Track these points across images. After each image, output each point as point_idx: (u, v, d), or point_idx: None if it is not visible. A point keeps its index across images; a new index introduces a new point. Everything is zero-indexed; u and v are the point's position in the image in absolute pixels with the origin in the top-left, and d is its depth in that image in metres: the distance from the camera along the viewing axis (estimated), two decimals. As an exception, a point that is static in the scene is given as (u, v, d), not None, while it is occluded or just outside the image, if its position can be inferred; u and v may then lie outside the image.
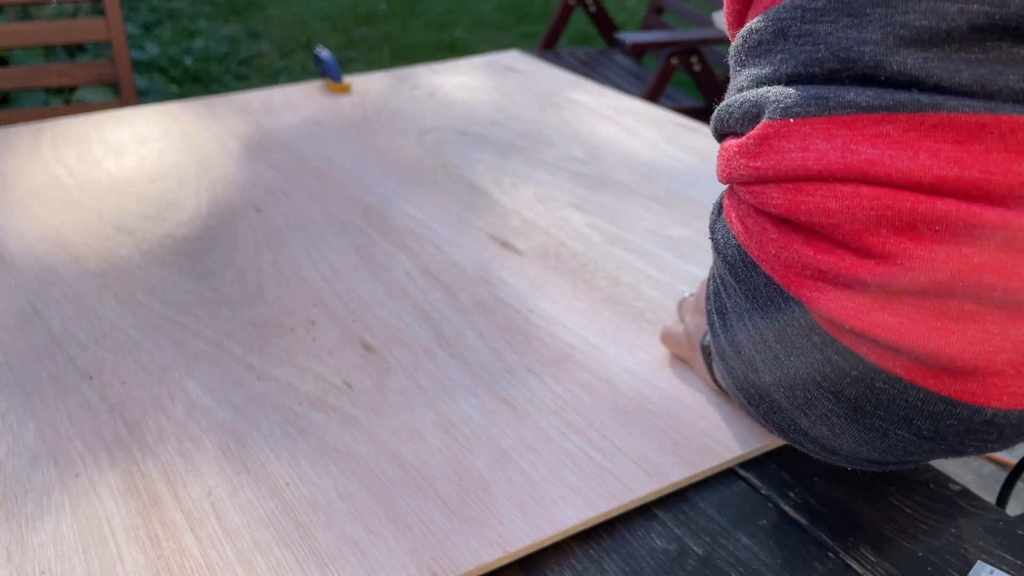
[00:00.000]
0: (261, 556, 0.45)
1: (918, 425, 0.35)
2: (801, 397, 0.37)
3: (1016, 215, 0.29)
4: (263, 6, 4.16)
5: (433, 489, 0.49)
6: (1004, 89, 0.29)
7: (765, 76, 0.35)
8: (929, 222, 0.30)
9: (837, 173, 0.31)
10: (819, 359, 0.35)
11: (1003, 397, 0.33)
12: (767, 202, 0.34)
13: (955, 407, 0.33)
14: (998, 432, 0.34)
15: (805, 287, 0.34)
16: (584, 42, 3.58)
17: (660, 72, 2.05)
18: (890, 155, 0.30)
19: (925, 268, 0.30)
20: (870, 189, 0.31)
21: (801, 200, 0.32)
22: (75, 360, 0.59)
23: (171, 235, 0.76)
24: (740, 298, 0.38)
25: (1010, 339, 0.31)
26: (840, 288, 0.33)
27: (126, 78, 1.44)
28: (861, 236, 0.31)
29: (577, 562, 0.46)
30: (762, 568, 0.45)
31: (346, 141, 0.96)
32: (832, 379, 0.35)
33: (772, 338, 0.37)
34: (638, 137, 0.97)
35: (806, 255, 0.33)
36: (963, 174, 0.29)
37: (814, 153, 0.32)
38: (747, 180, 0.35)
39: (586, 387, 0.57)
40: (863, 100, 0.31)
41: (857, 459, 0.40)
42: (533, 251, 0.74)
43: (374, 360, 0.60)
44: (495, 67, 1.20)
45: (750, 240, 0.36)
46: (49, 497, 0.48)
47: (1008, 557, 0.46)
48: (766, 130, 0.33)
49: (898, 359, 0.33)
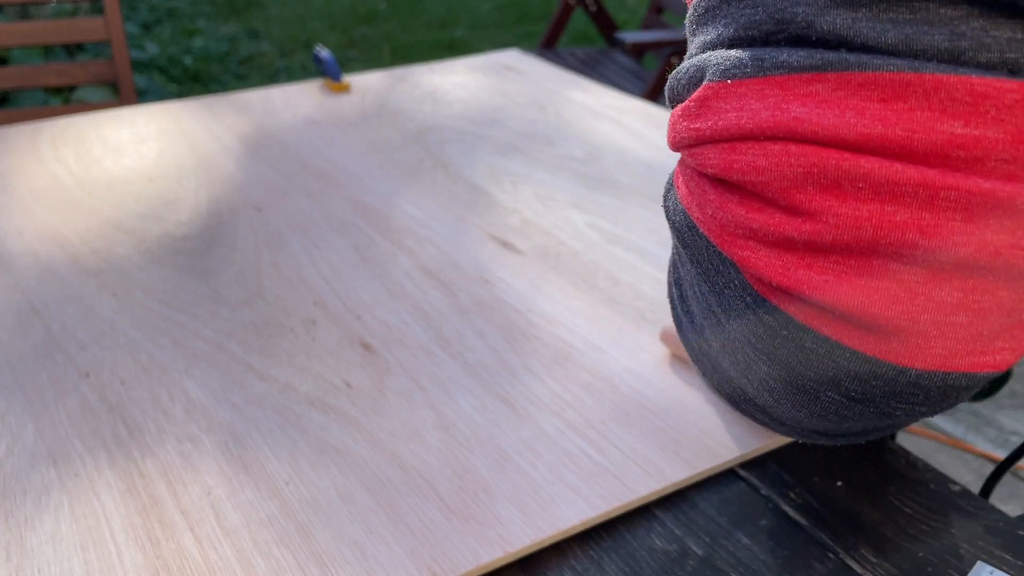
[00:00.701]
0: (261, 556, 0.44)
1: (846, 386, 0.35)
2: (742, 362, 0.38)
3: (938, 174, 0.29)
4: (263, 5, 4.15)
5: (433, 489, 0.49)
6: (929, 48, 0.29)
7: (710, 41, 0.35)
8: (853, 179, 0.30)
9: (768, 131, 0.32)
10: (752, 320, 0.36)
11: (926, 358, 0.33)
12: (705, 163, 0.35)
13: (880, 367, 0.34)
14: (923, 394, 0.35)
15: (737, 246, 0.35)
16: (584, 41, 3.58)
17: (660, 72, 2.05)
18: (818, 113, 0.30)
19: (849, 225, 0.31)
20: (798, 147, 0.31)
21: (735, 159, 0.33)
22: (74, 360, 0.59)
23: (171, 235, 0.76)
24: (689, 266, 0.39)
25: (933, 299, 0.31)
26: (769, 246, 0.33)
27: (125, 77, 1.44)
28: (789, 193, 0.32)
29: (577, 562, 0.46)
30: (762, 568, 0.45)
31: (346, 140, 0.96)
32: (765, 340, 0.36)
33: (714, 302, 0.37)
34: (638, 137, 0.97)
35: (739, 214, 0.34)
36: (887, 132, 0.29)
37: (748, 112, 0.32)
38: (689, 143, 0.36)
39: (586, 387, 0.57)
40: (794, 60, 0.31)
41: (803, 429, 0.41)
42: (533, 251, 0.74)
43: (374, 360, 0.60)
44: (495, 66, 1.20)
45: (692, 203, 0.37)
46: (48, 497, 0.48)
47: (1008, 557, 0.46)
48: (705, 92, 0.34)
49: (824, 318, 0.33)
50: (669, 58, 2.05)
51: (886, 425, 0.39)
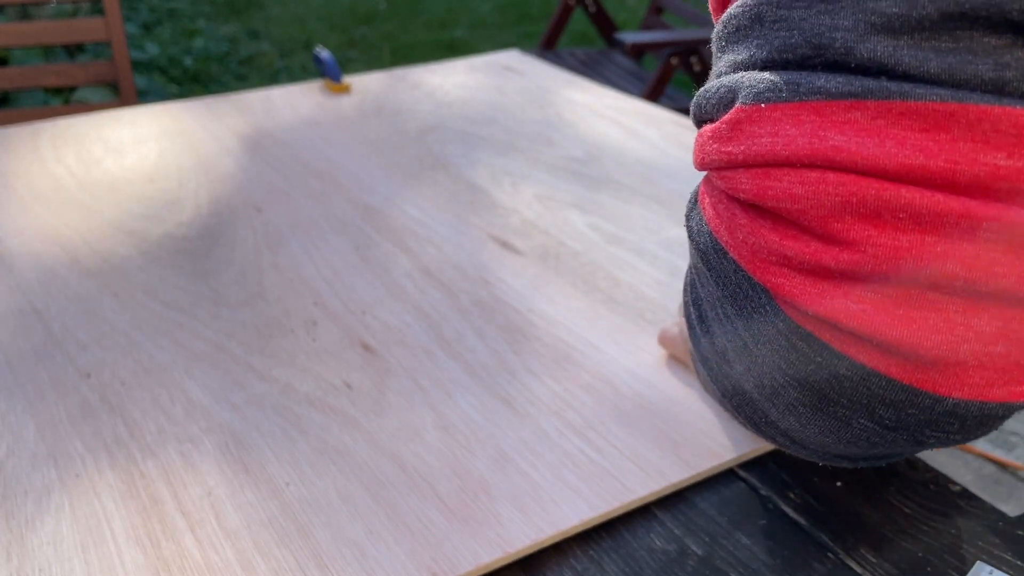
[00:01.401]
0: (261, 557, 0.45)
1: (880, 414, 0.35)
2: (769, 387, 0.37)
3: (980, 205, 0.29)
4: (263, 6, 4.15)
5: (433, 489, 0.49)
6: (973, 79, 0.29)
7: (741, 62, 0.35)
8: (893, 210, 0.30)
9: (804, 159, 0.31)
10: (784, 346, 0.35)
11: (964, 388, 0.33)
12: (737, 187, 0.34)
13: (917, 396, 0.33)
14: (959, 423, 0.34)
15: (771, 273, 0.34)
16: (584, 42, 3.58)
17: (660, 72, 2.05)
18: (857, 142, 0.30)
19: (888, 256, 0.30)
20: (836, 175, 0.31)
21: (769, 185, 0.32)
22: (75, 360, 0.59)
23: (171, 235, 0.76)
24: (712, 287, 0.38)
25: (972, 329, 0.31)
26: (804, 274, 0.33)
27: (126, 78, 1.44)
28: (826, 222, 0.31)
29: (577, 562, 0.46)
30: (762, 568, 0.45)
31: (346, 141, 0.96)
32: (797, 367, 0.35)
33: (741, 326, 0.37)
34: (638, 137, 0.97)
35: (772, 241, 0.33)
36: (928, 163, 0.29)
37: (783, 138, 0.32)
38: (719, 165, 0.35)
39: (586, 387, 0.57)
40: (833, 86, 0.31)
41: (827, 454, 0.40)
42: (533, 251, 0.74)
43: (374, 360, 0.60)
44: (495, 67, 1.20)
45: (721, 226, 0.36)
46: (49, 497, 0.48)
47: (1008, 557, 0.46)
48: (738, 115, 0.34)
49: (861, 346, 0.33)
50: (669, 59, 2.05)
51: (914, 450, 0.39)
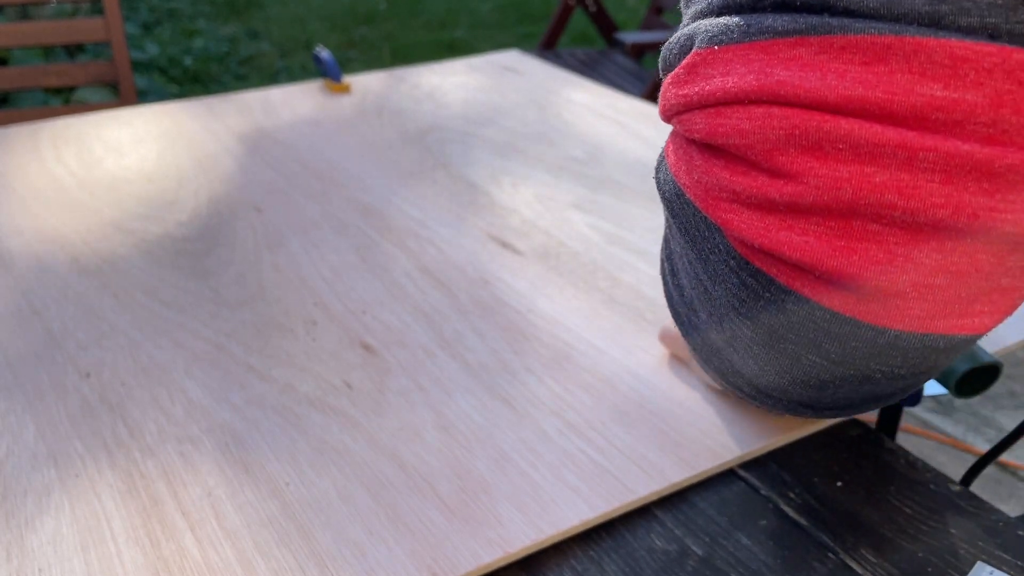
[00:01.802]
0: (261, 557, 0.45)
1: (826, 348, 0.35)
2: (728, 330, 0.39)
3: (917, 135, 0.29)
4: (263, 6, 4.15)
5: (433, 490, 0.49)
6: (910, 12, 0.29)
7: (700, 11, 0.36)
8: (834, 141, 0.31)
9: (752, 95, 0.32)
10: (736, 284, 0.36)
11: (905, 320, 0.33)
12: (692, 128, 0.35)
13: (859, 328, 0.34)
14: (902, 356, 0.35)
15: (721, 209, 0.35)
16: (584, 42, 3.58)
17: (660, 72, 2.05)
18: (800, 76, 0.31)
19: (829, 187, 0.31)
20: (780, 109, 0.31)
21: (720, 123, 0.33)
22: (75, 360, 0.59)
23: (171, 235, 0.76)
24: (678, 235, 0.39)
25: (912, 260, 0.32)
26: (752, 208, 0.34)
27: (125, 78, 1.44)
28: (771, 155, 0.32)
29: (577, 563, 0.46)
30: (762, 569, 0.45)
31: (346, 141, 0.96)
32: (748, 304, 0.36)
33: (701, 270, 0.38)
34: (638, 137, 0.97)
35: (723, 178, 0.34)
36: (867, 94, 0.30)
37: (733, 77, 0.33)
38: (678, 110, 0.36)
39: (586, 387, 0.57)
40: (779, 25, 0.32)
41: (789, 401, 0.41)
42: (533, 251, 0.74)
43: (374, 360, 0.60)
44: (495, 67, 1.20)
45: (680, 170, 0.37)
46: (48, 497, 0.48)
47: (1008, 557, 0.46)
48: (694, 59, 0.35)
49: (805, 279, 0.34)
50: (669, 58, 2.04)
51: (869, 394, 0.40)
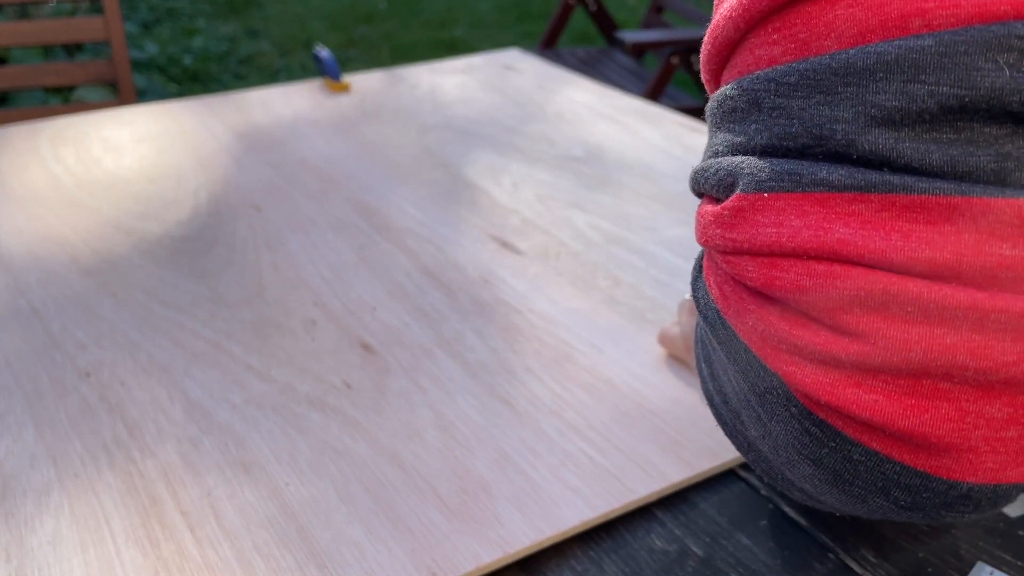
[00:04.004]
0: (260, 557, 0.44)
1: (895, 496, 0.35)
2: (784, 458, 0.38)
3: (987, 297, 0.29)
4: (262, 5, 4.15)
5: (433, 490, 0.49)
6: (975, 170, 0.29)
7: (739, 145, 0.35)
8: (901, 303, 0.30)
9: (811, 251, 0.31)
10: (797, 429, 0.35)
11: (978, 473, 0.33)
12: (743, 274, 0.34)
13: (931, 481, 0.33)
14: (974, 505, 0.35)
15: (782, 361, 0.34)
16: (584, 41, 3.58)
17: (660, 71, 2.05)
18: (862, 235, 0.30)
19: (899, 348, 0.30)
20: (843, 268, 0.31)
21: (776, 276, 0.33)
22: (74, 360, 0.59)
23: (170, 235, 0.76)
24: (723, 357, 0.38)
25: (983, 416, 0.31)
26: (816, 364, 0.33)
27: (125, 77, 1.44)
28: (834, 314, 0.31)
29: (577, 563, 0.46)
30: (762, 569, 0.45)
31: (346, 140, 0.96)
32: (811, 448, 0.35)
33: (755, 401, 0.37)
34: (638, 137, 0.97)
35: (782, 329, 0.33)
36: (935, 255, 0.29)
37: (788, 229, 0.32)
38: (723, 250, 0.35)
39: (586, 387, 0.57)
40: (835, 178, 0.31)
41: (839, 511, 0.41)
42: (533, 251, 0.74)
43: (374, 360, 0.59)
44: (495, 66, 1.20)
45: (728, 308, 0.36)
46: (48, 497, 0.48)
47: (1008, 557, 0.46)
48: (740, 203, 0.34)
49: (874, 434, 0.33)
50: (670, 58, 2.04)
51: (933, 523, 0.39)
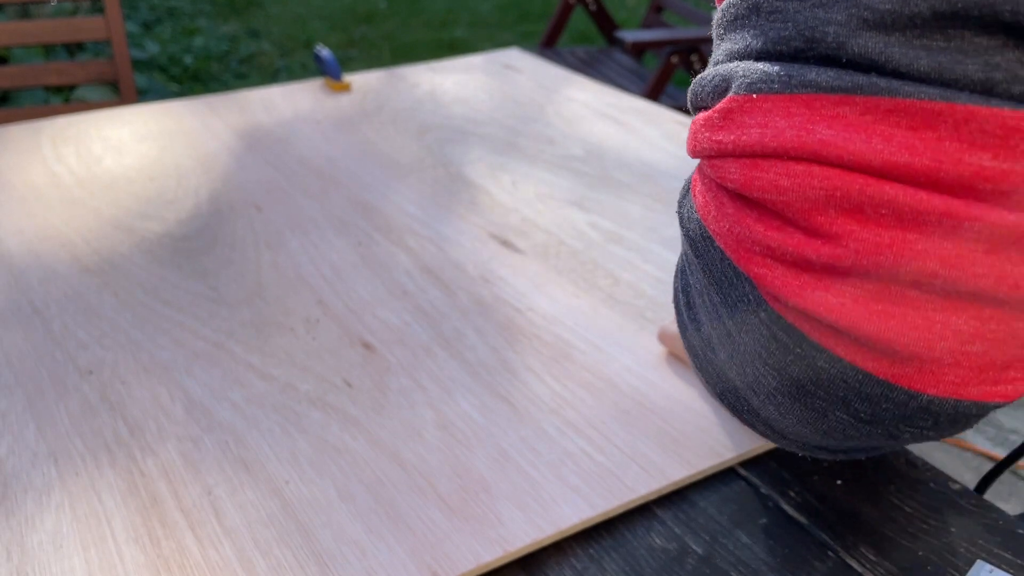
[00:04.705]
0: (261, 555, 0.45)
1: (856, 407, 0.35)
2: (750, 375, 0.38)
3: (962, 205, 0.29)
4: (263, 5, 4.15)
5: (433, 489, 0.49)
6: (962, 78, 0.29)
7: (737, 51, 0.35)
8: (876, 205, 0.30)
9: (792, 151, 0.32)
10: (765, 336, 0.36)
11: (939, 385, 0.33)
12: (725, 176, 0.35)
13: (892, 391, 0.34)
14: (933, 420, 0.35)
15: (754, 263, 0.34)
16: (584, 40, 3.58)
17: (660, 71, 2.05)
18: (844, 137, 0.30)
19: (870, 251, 0.31)
20: (822, 169, 0.31)
21: (756, 176, 0.33)
22: (75, 359, 0.59)
23: (171, 234, 0.76)
24: (700, 275, 0.39)
25: (950, 327, 0.31)
26: (786, 266, 0.33)
27: (126, 76, 1.44)
28: (809, 215, 0.32)
29: (577, 561, 0.46)
30: (762, 567, 0.45)
31: (346, 140, 0.96)
32: (777, 356, 0.36)
33: (726, 314, 0.37)
34: (638, 136, 0.97)
35: (757, 231, 0.34)
36: (914, 160, 0.29)
37: (772, 130, 0.32)
38: (709, 153, 0.36)
39: (586, 386, 0.57)
40: (823, 80, 0.31)
41: (806, 444, 0.41)
42: (533, 250, 0.74)
43: (374, 359, 0.60)
44: (495, 65, 1.20)
45: (708, 214, 0.37)
46: (49, 496, 0.48)
47: (1008, 556, 0.46)
48: (730, 104, 0.34)
49: (839, 339, 0.33)
50: (669, 57, 2.04)
51: (889, 445, 0.39)
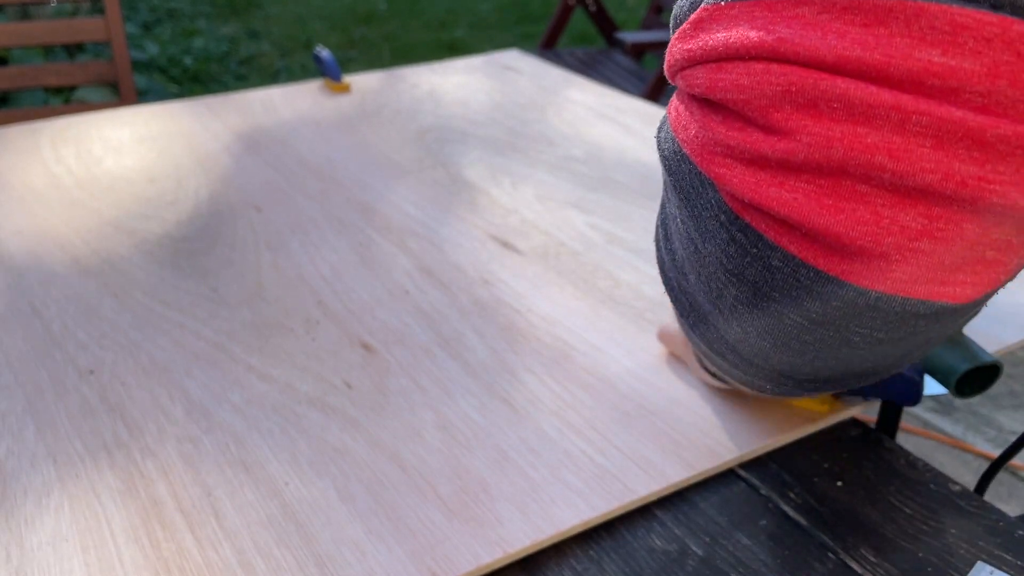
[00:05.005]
0: (261, 557, 0.45)
1: (807, 306, 0.36)
2: (714, 289, 0.39)
3: (911, 99, 0.30)
4: (263, 6, 4.15)
5: (433, 489, 0.49)
6: None
7: None
8: (829, 100, 0.31)
9: (753, 51, 0.33)
10: (725, 240, 0.37)
11: (887, 282, 0.34)
12: (693, 83, 0.36)
13: (841, 288, 0.35)
14: (882, 319, 0.36)
15: (715, 163, 0.36)
16: (584, 42, 3.58)
17: (660, 72, 2.05)
18: (801, 34, 0.31)
19: (821, 144, 0.32)
20: (779, 67, 0.32)
21: (719, 78, 0.34)
22: (75, 360, 0.59)
23: (171, 235, 0.76)
24: (672, 194, 0.40)
25: (897, 223, 0.32)
26: (745, 164, 0.34)
27: (126, 78, 1.44)
28: (767, 112, 0.33)
29: (577, 562, 0.46)
30: (762, 568, 0.45)
31: (346, 141, 0.96)
32: (736, 260, 0.37)
33: (692, 227, 0.39)
34: (638, 137, 0.97)
35: (720, 132, 0.35)
36: (865, 55, 0.30)
37: (736, 32, 0.33)
38: (681, 65, 0.37)
39: (586, 387, 0.57)
40: None
41: (771, 370, 0.42)
42: (533, 251, 0.74)
43: (374, 360, 0.60)
44: (495, 67, 1.20)
45: (678, 124, 0.38)
46: (48, 497, 0.48)
47: (1008, 557, 0.46)
48: (700, 14, 0.35)
49: (792, 236, 0.34)
50: (669, 58, 2.04)
51: (849, 365, 0.40)
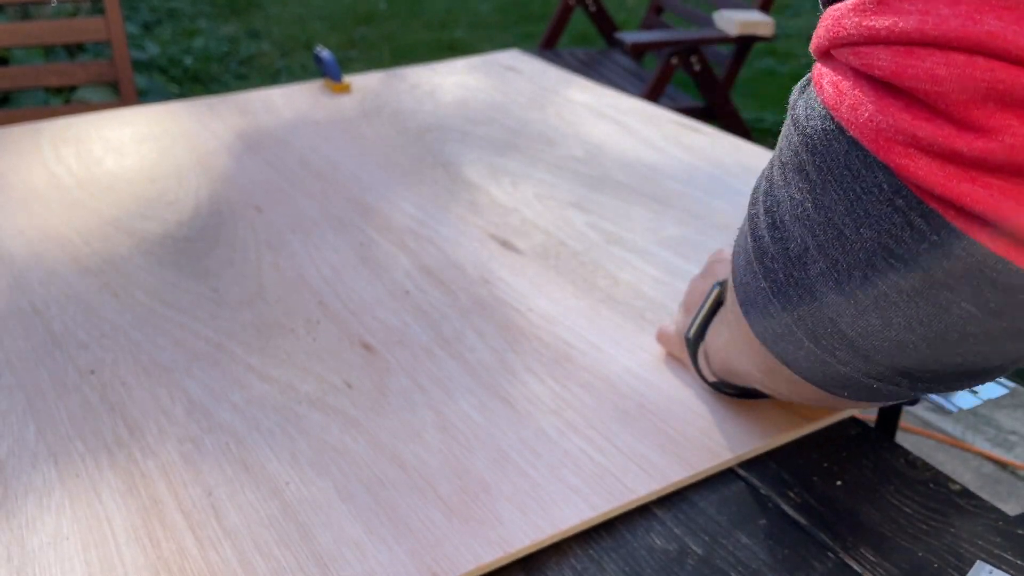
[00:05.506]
0: (261, 557, 0.45)
1: (986, 296, 0.34)
2: (859, 276, 0.37)
3: None
4: (263, 6, 4.15)
5: (433, 489, 0.49)
6: None
7: None
8: None
9: (954, 41, 0.31)
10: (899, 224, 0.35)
11: None
12: (872, 63, 0.34)
13: None
14: None
15: (895, 152, 0.34)
16: (584, 42, 3.58)
17: (660, 72, 2.05)
18: (1014, 30, 0.29)
19: None
20: (985, 61, 0.30)
21: (910, 64, 0.32)
22: (75, 360, 0.59)
23: (171, 235, 0.76)
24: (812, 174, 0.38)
25: None
26: (932, 156, 0.33)
27: (126, 78, 1.44)
28: (967, 107, 0.31)
29: (577, 562, 0.46)
30: (762, 568, 0.45)
31: (346, 141, 0.96)
32: (908, 245, 0.35)
33: (843, 210, 0.36)
34: (638, 137, 0.97)
35: (903, 120, 0.33)
36: None
37: (934, 17, 0.31)
38: (856, 40, 0.34)
39: (586, 387, 0.57)
40: None
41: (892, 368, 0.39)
42: (533, 250, 0.74)
43: (374, 360, 0.60)
44: (495, 66, 1.20)
45: (841, 104, 0.36)
46: (49, 497, 0.48)
47: (1008, 557, 0.46)
48: None
49: (984, 229, 0.33)
50: (669, 58, 2.05)
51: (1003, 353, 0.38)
